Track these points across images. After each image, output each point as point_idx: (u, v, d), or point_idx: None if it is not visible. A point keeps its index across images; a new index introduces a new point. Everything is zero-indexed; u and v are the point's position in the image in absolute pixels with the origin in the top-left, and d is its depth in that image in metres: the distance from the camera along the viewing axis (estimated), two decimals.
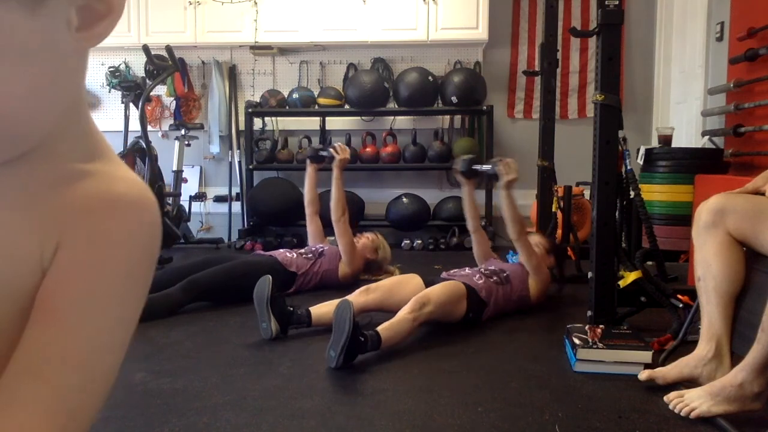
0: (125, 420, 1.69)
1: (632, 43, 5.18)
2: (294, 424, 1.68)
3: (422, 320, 2.34)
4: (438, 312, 2.40)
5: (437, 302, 2.38)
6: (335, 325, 2.07)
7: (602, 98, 2.43)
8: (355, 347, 2.07)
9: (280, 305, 2.41)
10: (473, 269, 2.80)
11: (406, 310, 2.29)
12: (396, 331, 2.22)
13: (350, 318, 2.02)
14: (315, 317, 2.47)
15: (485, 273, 2.74)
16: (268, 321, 2.38)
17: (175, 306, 2.82)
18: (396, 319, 2.27)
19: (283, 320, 2.42)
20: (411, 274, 2.71)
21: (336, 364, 2.04)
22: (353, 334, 2.03)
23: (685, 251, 3.55)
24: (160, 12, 5.08)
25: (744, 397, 1.63)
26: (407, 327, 2.27)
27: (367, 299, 2.52)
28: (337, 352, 2.03)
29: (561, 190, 3.86)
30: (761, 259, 1.80)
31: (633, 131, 4.81)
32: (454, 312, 2.52)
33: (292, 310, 2.45)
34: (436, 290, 2.45)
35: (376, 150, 5.08)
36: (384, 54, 5.26)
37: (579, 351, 2.07)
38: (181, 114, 5.43)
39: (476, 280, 2.66)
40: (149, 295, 2.53)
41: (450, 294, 2.49)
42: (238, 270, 3.03)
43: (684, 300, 2.42)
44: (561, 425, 1.66)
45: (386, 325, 2.22)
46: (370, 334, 2.13)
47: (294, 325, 2.45)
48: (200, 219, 5.49)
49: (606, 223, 2.47)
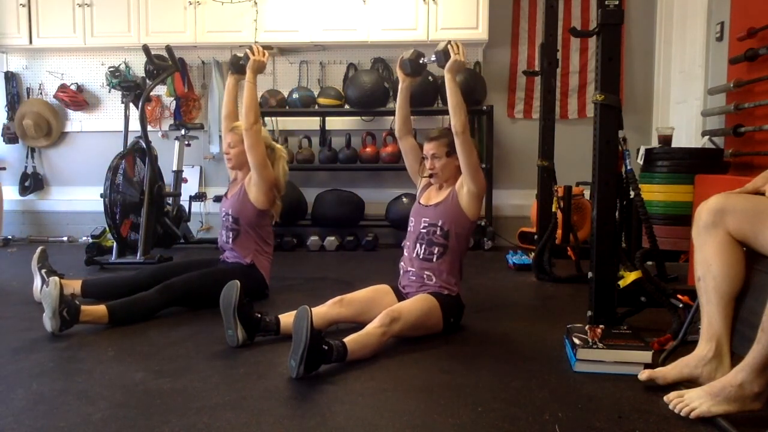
0: (125, 420, 1.69)
1: (632, 43, 5.19)
2: (294, 424, 1.68)
3: (391, 335, 2.27)
4: (409, 331, 2.34)
5: (406, 321, 2.30)
6: (294, 334, 1.99)
7: (602, 98, 2.43)
8: (318, 357, 1.99)
9: (247, 312, 2.34)
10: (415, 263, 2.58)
11: (376, 324, 2.23)
12: (363, 344, 2.16)
13: (307, 326, 1.94)
14: (284, 325, 2.39)
15: (427, 257, 2.54)
16: (234, 328, 2.31)
17: (151, 310, 2.78)
18: (365, 331, 2.21)
19: (250, 327, 2.35)
20: (384, 286, 2.61)
21: (296, 374, 1.97)
22: (312, 342, 1.95)
23: (685, 251, 3.55)
24: (160, 12, 5.09)
25: (744, 397, 1.64)
26: (375, 341, 2.20)
27: (340, 312, 2.46)
28: (297, 362, 1.96)
29: (561, 190, 3.87)
30: (761, 259, 1.80)
31: (633, 131, 4.81)
32: (430, 325, 2.44)
33: (260, 317, 2.38)
34: (407, 306, 2.38)
35: (376, 150, 5.08)
36: (384, 54, 5.26)
37: (579, 351, 2.07)
38: (181, 114, 5.43)
39: (429, 281, 2.53)
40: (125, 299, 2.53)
41: (421, 310, 2.40)
42: (211, 276, 2.94)
43: (684, 300, 2.42)
44: (561, 425, 1.66)
45: (354, 336, 2.16)
46: (336, 345, 2.06)
47: (261, 333, 2.39)
48: (200, 219, 5.49)
49: (606, 223, 2.47)
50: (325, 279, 3.84)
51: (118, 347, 2.38)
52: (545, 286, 3.56)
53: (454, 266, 2.57)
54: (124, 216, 4.24)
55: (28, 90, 5.61)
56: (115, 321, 2.63)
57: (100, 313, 2.61)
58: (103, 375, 2.06)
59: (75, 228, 5.49)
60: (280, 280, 3.51)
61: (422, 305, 2.43)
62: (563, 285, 3.51)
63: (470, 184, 2.51)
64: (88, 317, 2.57)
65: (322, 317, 2.40)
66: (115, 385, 1.97)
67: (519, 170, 5.23)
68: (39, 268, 3.08)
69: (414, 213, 2.70)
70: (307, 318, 1.96)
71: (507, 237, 5.17)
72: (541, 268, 3.68)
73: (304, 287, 3.56)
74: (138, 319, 2.71)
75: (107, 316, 2.62)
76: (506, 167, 5.28)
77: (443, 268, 2.54)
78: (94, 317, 2.60)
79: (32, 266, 3.11)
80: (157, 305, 2.80)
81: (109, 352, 2.32)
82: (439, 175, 2.62)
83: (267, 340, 2.39)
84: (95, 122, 5.59)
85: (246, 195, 3.12)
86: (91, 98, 5.58)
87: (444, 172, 2.61)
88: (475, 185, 2.51)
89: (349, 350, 2.09)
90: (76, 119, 5.62)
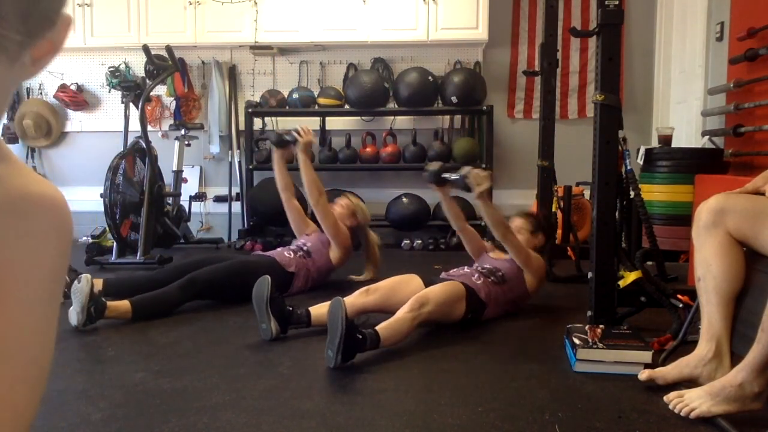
0: (125, 420, 1.69)
1: (632, 43, 5.19)
2: (294, 424, 1.68)
3: (421, 320, 2.33)
4: (437, 312, 2.40)
5: (436, 302, 2.38)
6: (329, 325, 2.06)
7: (602, 98, 2.43)
8: (353, 346, 2.06)
9: (279, 305, 2.41)
10: (472, 268, 2.78)
11: (405, 309, 2.29)
12: (395, 330, 2.22)
13: (342, 316, 2.01)
14: (314, 317, 2.46)
15: (482, 272, 2.72)
16: (268, 322, 2.37)
17: (173, 305, 2.82)
18: (395, 318, 2.27)
19: (282, 321, 2.41)
20: (411, 275, 2.69)
21: (334, 364, 2.04)
22: (347, 332, 2.02)
23: (685, 251, 3.55)
24: (159, 12, 5.09)
25: (744, 397, 1.63)
26: (406, 326, 2.27)
27: (366, 300, 2.52)
28: (334, 351, 2.03)
29: (561, 190, 3.87)
30: (761, 259, 1.80)
31: (633, 131, 4.81)
32: (453, 312, 2.51)
33: (292, 310, 2.45)
34: (435, 290, 2.45)
35: (376, 150, 5.08)
36: (384, 54, 5.26)
37: (579, 351, 2.07)
38: (181, 114, 5.43)
39: (475, 280, 2.65)
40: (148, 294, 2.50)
41: (449, 294, 2.48)
42: (236, 269, 3.01)
43: (684, 300, 2.41)
44: (561, 425, 1.66)
45: (385, 324, 2.22)
46: (369, 333, 2.12)
47: (294, 326, 2.45)
48: (200, 219, 5.49)
49: (606, 223, 2.47)
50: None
51: (118, 347, 2.38)
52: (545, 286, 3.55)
53: (497, 294, 2.66)
54: (124, 216, 4.24)
55: (28, 90, 5.61)
56: (138, 316, 2.67)
57: (124, 308, 2.65)
58: (103, 375, 2.07)
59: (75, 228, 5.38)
60: None
61: (450, 289, 2.50)
62: (563, 285, 3.51)
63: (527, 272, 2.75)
64: (113, 313, 2.62)
65: (351, 307, 2.43)
66: (115, 385, 1.97)
67: (519, 170, 5.22)
68: None
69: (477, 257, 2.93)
70: (342, 309, 2.03)
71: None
72: None
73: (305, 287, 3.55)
74: (161, 313, 2.75)
75: (131, 311, 2.66)
76: (506, 167, 5.28)
77: (490, 286, 2.65)
78: (119, 313, 2.64)
79: None
80: (180, 299, 2.84)
81: (109, 352, 2.32)
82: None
83: (267, 341, 2.39)
84: (95, 122, 5.59)
85: (329, 246, 3.30)
86: (91, 98, 5.58)
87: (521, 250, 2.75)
88: (530, 270, 2.75)
89: (382, 337, 2.15)
90: (76, 119, 5.62)
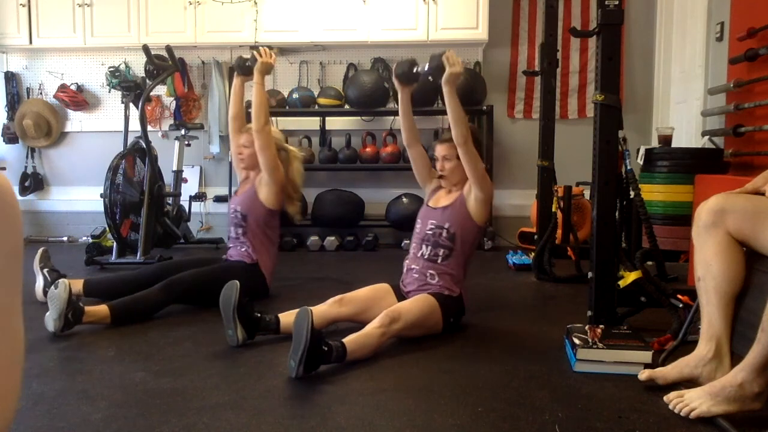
0: (125, 420, 1.69)
1: (632, 43, 5.19)
2: (294, 424, 1.68)
3: (390, 335, 2.27)
4: (408, 331, 2.34)
5: (406, 321, 2.31)
6: (294, 335, 2.00)
7: (602, 98, 2.43)
8: (317, 357, 2.00)
9: (247, 312, 2.35)
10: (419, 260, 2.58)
11: (375, 324, 2.23)
12: (362, 345, 2.16)
13: (308, 327, 1.95)
14: (284, 325, 2.39)
15: (432, 258, 2.56)
16: (234, 328, 2.32)
17: (153, 309, 2.78)
18: (364, 332, 2.20)
19: (250, 327, 2.35)
20: (385, 286, 2.61)
21: (296, 374, 1.98)
22: (312, 343, 1.96)
23: (685, 251, 3.55)
24: (159, 12, 5.08)
25: (744, 397, 1.64)
26: (375, 341, 2.20)
27: (339, 311, 2.46)
28: (296, 362, 1.97)
29: (561, 190, 3.87)
30: (761, 259, 1.80)
31: (633, 131, 4.81)
32: (430, 325, 2.44)
33: (260, 316, 2.39)
34: (407, 306, 2.38)
35: (376, 150, 5.08)
36: (384, 54, 5.26)
37: (579, 351, 2.07)
38: (181, 114, 5.43)
39: (431, 280, 2.54)
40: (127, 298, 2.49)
41: (421, 310, 2.41)
42: (216, 275, 2.92)
43: (684, 300, 2.42)
44: (561, 425, 1.66)
45: (353, 337, 2.16)
46: (335, 345, 2.07)
47: (261, 332, 2.39)
48: (200, 219, 5.49)
49: (606, 223, 2.47)
50: (325, 279, 3.84)
51: (118, 347, 2.38)
52: (545, 286, 3.56)
53: (457, 268, 2.57)
54: (124, 216, 4.24)
55: (28, 90, 5.61)
56: (117, 321, 2.64)
57: (103, 313, 2.62)
58: (103, 375, 2.07)
59: (75, 228, 5.49)
60: (280, 280, 3.50)
61: (422, 305, 2.43)
62: (563, 285, 3.51)
63: (477, 191, 2.53)
64: (91, 318, 2.58)
65: (322, 316, 2.41)
66: (115, 385, 1.97)
67: (519, 170, 5.23)
68: (41, 268, 3.08)
69: (421, 215, 2.70)
70: (308, 319, 1.97)
71: (507, 237, 5.17)
72: (541, 268, 3.68)
73: (304, 287, 3.55)
74: (140, 317, 2.71)
75: (110, 316, 2.62)
76: (506, 167, 5.28)
77: (447, 270, 2.55)
78: (97, 318, 2.60)
79: (34, 266, 3.11)
80: (159, 303, 2.80)
81: (109, 352, 2.32)
82: (449, 177, 2.64)
83: (267, 341, 2.39)
84: (95, 122, 5.59)
85: (256, 194, 3.14)
86: (91, 98, 5.58)
87: (454, 174, 2.63)
88: (482, 191, 2.53)
89: (349, 351, 2.09)
90: (76, 119, 5.62)
